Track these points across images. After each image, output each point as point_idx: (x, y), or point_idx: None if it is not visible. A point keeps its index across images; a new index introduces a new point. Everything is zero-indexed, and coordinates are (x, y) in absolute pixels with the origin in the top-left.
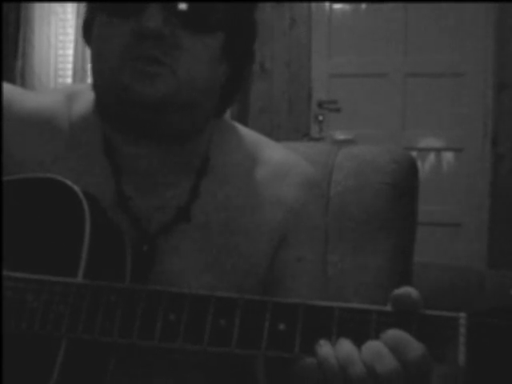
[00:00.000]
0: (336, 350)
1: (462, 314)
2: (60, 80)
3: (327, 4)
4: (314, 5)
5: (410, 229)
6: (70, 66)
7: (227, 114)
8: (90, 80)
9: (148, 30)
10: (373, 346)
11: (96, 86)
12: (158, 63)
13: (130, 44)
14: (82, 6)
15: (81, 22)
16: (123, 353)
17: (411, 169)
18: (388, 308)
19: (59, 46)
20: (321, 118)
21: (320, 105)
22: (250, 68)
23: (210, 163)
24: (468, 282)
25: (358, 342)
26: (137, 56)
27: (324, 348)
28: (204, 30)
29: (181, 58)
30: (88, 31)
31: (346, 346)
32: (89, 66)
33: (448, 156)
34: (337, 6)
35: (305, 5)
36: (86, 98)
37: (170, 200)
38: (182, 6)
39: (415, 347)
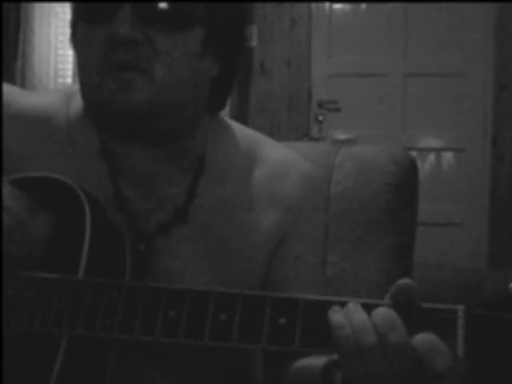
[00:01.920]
0: (349, 319)
1: (461, 307)
2: (60, 80)
3: (327, 4)
4: (314, 5)
5: (410, 229)
6: (70, 66)
7: (226, 114)
8: None
9: (119, 36)
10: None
11: (82, 95)
12: (133, 70)
13: (106, 52)
14: None
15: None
16: (123, 350)
17: (411, 169)
18: (386, 301)
19: (59, 46)
20: (321, 118)
21: (320, 105)
22: (243, 60)
23: (207, 162)
24: (468, 282)
25: None
26: (113, 65)
27: (337, 315)
28: (179, 27)
29: (157, 60)
30: (73, 38)
31: (359, 315)
32: None
33: (448, 156)
34: (337, 5)
35: (305, 5)
36: None
37: (167, 200)
38: (153, 6)
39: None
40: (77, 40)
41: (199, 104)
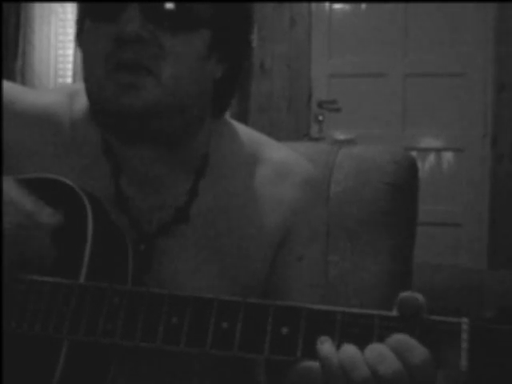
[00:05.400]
0: (339, 354)
1: (465, 320)
2: (60, 80)
3: (327, 4)
4: (314, 5)
5: (410, 229)
6: (69, 66)
7: (226, 114)
8: None
9: (126, 34)
10: (376, 348)
11: (86, 93)
12: (141, 72)
13: (112, 50)
14: None
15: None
16: (125, 355)
17: (411, 169)
18: (391, 313)
19: (59, 46)
20: (321, 117)
21: (320, 105)
22: (247, 63)
23: (209, 163)
24: (468, 282)
25: (361, 346)
26: (119, 63)
27: (326, 347)
28: (185, 28)
29: (163, 60)
30: (79, 35)
31: (349, 349)
32: None
33: (448, 156)
34: (337, 5)
35: (305, 5)
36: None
37: (169, 200)
38: (161, 6)
39: (419, 351)
40: (83, 38)
41: (202, 105)
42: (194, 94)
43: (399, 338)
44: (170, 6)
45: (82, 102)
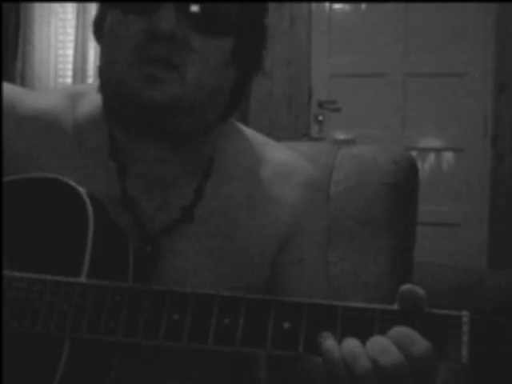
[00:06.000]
0: (341, 347)
1: (465, 313)
2: (60, 80)
3: (327, 4)
4: (314, 5)
5: (410, 229)
6: (70, 66)
7: None
8: (89, 80)
9: (160, 30)
10: (377, 341)
11: (103, 86)
12: (167, 68)
13: (141, 44)
14: (82, 6)
15: (81, 21)
16: (127, 352)
17: (411, 169)
18: (391, 306)
19: (59, 46)
20: (321, 117)
21: (320, 105)
22: (257, 72)
23: (215, 165)
24: (468, 282)
25: (362, 340)
26: (147, 57)
27: (328, 341)
28: (215, 33)
29: (191, 60)
30: (99, 28)
31: (351, 342)
32: (89, 66)
33: (448, 156)
34: (337, 5)
35: (305, 5)
36: (91, 99)
37: (174, 201)
38: (195, 8)
39: (421, 343)
40: (106, 28)
41: (217, 110)
42: (214, 98)
43: (400, 330)
44: (202, 9)
45: (85, 104)
